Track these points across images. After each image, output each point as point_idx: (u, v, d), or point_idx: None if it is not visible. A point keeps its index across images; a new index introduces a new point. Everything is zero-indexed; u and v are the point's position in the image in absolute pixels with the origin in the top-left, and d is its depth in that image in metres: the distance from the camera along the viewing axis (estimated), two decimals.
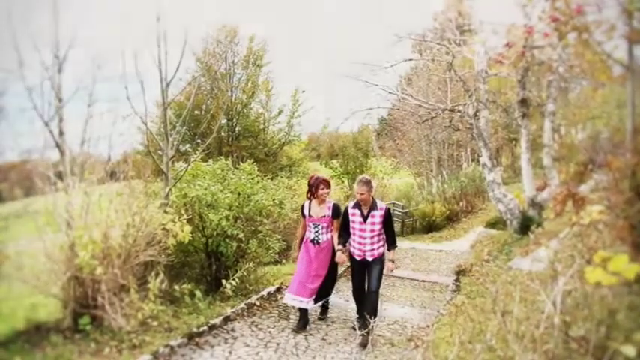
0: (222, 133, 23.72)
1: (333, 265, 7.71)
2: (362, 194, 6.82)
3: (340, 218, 7.43)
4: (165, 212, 7.53)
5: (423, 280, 11.75)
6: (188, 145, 22.30)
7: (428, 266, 13.85)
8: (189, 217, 7.91)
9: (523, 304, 4.47)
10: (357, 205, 7.04)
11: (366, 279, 7.14)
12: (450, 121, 18.71)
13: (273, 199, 9.29)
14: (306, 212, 7.73)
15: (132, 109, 7.96)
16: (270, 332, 7.31)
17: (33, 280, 6.16)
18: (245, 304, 8.21)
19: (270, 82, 25.70)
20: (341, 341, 7.13)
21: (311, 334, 7.35)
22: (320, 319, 8.07)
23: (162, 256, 7.28)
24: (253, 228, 9.14)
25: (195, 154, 10.04)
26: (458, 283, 10.43)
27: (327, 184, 7.61)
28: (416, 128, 27.60)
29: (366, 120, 33.74)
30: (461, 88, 15.34)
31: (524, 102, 12.58)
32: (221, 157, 10.78)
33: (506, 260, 9.92)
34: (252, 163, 10.54)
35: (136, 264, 6.97)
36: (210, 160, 10.25)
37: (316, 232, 7.61)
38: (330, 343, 7.04)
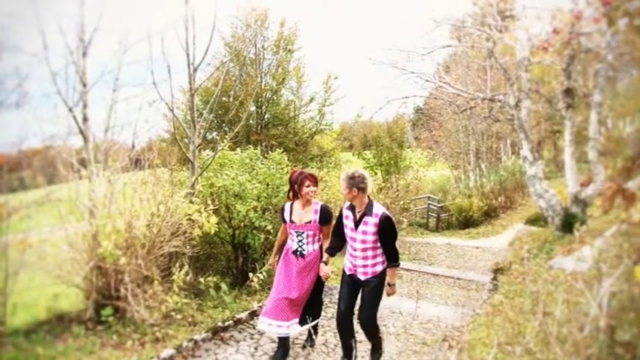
0: (251, 121, 23.72)
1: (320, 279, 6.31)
2: (344, 192, 5.58)
3: (330, 224, 6.22)
4: (191, 202, 7.58)
5: (459, 278, 11.68)
6: (215, 133, 22.37)
7: (464, 263, 13.76)
8: (216, 207, 7.96)
9: (565, 306, 4.39)
10: (351, 206, 5.71)
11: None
12: (490, 112, 18.47)
13: None
14: (286, 216, 6.29)
15: (158, 95, 8.02)
16: (300, 333, 7.27)
17: (55, 270, 6.25)
18: None
19: (302, 68, 25.56)
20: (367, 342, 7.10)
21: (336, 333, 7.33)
22: (305, 346, 6.72)
23: (188, 247, 7.33)
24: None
25: (223, 142, 10.09)
26: (495, 282, 10.32)
27: (314, 180, 6.17)
28: (453, 118, 27.34)
29: (401, 109, 33.47)
30: (501, 76, 15.08)
31: (569, 92, 12.35)
32: (249, 146, 10.82)
33: (547, 259, 9.79)
34: (282, 152, 10.55)
35: (160, 255, 7.03)
36: (238, 149, 10.29)
37: (300, 241, 6.22)
38: (360, 342, 7.01)
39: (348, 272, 5.85)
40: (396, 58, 15.51)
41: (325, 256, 6.00)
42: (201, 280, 7.72)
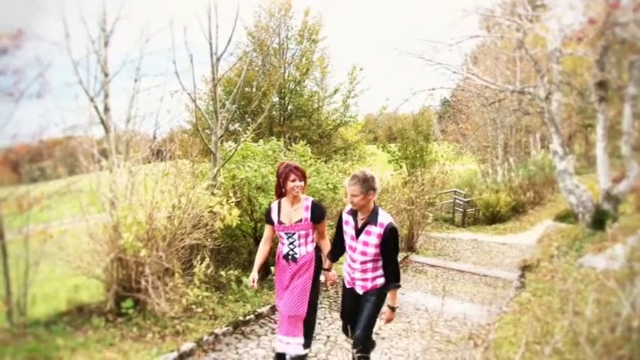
0: (274, 112, 23.73)
1: (313, 290, 5.58)
2: (352, 195, 4.76)
3: (324, 221, 5.63)
4: (213, 194, 7.59)
5: (485, 275, 11.61)
6: (238, 124, 22.40)
7: (490, 260, 13.67)
8: (238, 199, 7.97)
9: (595, 305, 4.34)
10: (353, 211, 5.02)
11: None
12: (519, 104, 18.28)
13: (327, 183, 9.27)
14: (274, 217, 5.54)
15: (180, 85, 8.04)
16: (319, 324, 7.27)
17: (76, 261, 6.31)
18: None
19: (326, 58, 25.48)
20: (395, 336, 7.09)
21: None
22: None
23: (209, 240, 7.36)
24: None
25: (245, 133, 10.11)
26: (523, 280, 10.23)
27: (300, 174, 5.39)
28: (481, 111, 27.08)
29: (427, 101, 33.31)
30: (532, 68, 14.90)
31: (602, 84, 12.17)
32: (272, 138, 10.82)
33: (577, 257, 9.68)
34: (305, 144, 10.54)
35: (181, 247, 7.07)
36: (261, 141, 10.31)
37: (291, 244, 5.53)
38: (383, 338, 7.00)
39: (347, 285, 5.28)
40: (422, 49, 15.37)
41: (327, 262, 5.54)
42: (223, 273, 7.74)
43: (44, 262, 6.04)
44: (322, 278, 5.72)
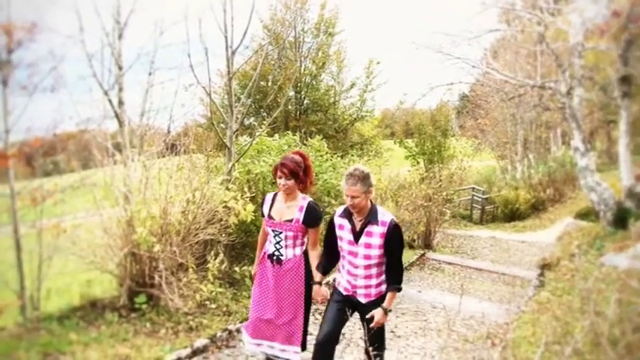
0: (290, 107, 23.74)
1: (306, 300, 5.20)
2: (353, 196, 4.35)
3: (318, 228, 5.13)
4: (228, 189, 7.60)
5: (503, 274, 11.56)
6: (253, 119, 22.48)
7: (509, 258, 13.61)
8: (253, 194, 7.97)
9: (617, 305, 4.30)
10: (347, 213, 4.60)
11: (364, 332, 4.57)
12: (540, 99, 18.18)
13: None
14: (265, 209, 5.18)
15: (195, 79, 8.06)
16: None
17: (89, 256, 6.35)
18: None
19: (343, 52, 25.44)
20: (411, 335, 7.08)
21: None
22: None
23: (223, 235, 7.37)
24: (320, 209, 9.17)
25: (261, 127, 10.13)
26: (542, 278, 10.17)
27: (286, 172, 4.86)
28: (500, 106, 26.92)
29: (445, 96, 33.16)
30: (553, 62, 14.77)
31: (625, 80, 12.05)
32: (288, 132, 10.82)
33: (598, 256, 9.60)
34: (321, 139, 10.54)
35: (195, 243, 7.09)
36: (277, 135, 10.32)
37: (277, 243, 5.09)
38: (399, 337, 6.99)
39: (344, 292, 4.75)
40: (440, 43, 15.28)
41: (318, 275, 4.97)
42: (237, 269, 7.76)
43: (57, 256, 6.09)
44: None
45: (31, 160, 6.31)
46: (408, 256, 11.91)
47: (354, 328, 6.94)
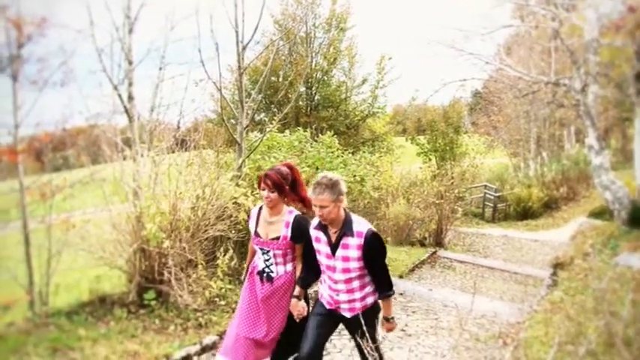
0: (301, 102, 23.74)
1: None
2: (321, 206, 4.05)
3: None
4: (238, 185, 7.61)
5: (515, 272, 11.51)
6: (263, 114, 22.45)
7: (521, 257, 13.55)
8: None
9: (632, 306, 4.27)
10: (322, 225, 4.30)
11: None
12: (553, 96, 18.11)
13: (354, 176, 9.26)
14: (251, 226, 4.91)
15: (205, 74, 8.07)
16: None
17: (98, 251, 6.37)
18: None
19: (354, 47, 25.39)
20: (422, 333, 7.06)
21: None
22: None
23: (233, 231, 7.37)
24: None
25: (271, 123, 10.12)
26: (555, 278, 10.11)
27: (270, 184, 4.55)
28: (514, 103, 26.79)
29: (458, 92, 32.99)
30: (567, 59, 14.68)
31: None
32: (299, 128, 10.82)
33: (612, 255, 9.55)
34: (332, 135, 10.53)
35: (204, 239, 7.10)
36: (287, 131, 10.32)
37: (267, 260, 4.82)
38: (410, 335, 6.98)
39: (327, 306, 4.48)
40: (453, 38, 15.22)
41: (297, 289, 4.61)
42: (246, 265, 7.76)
43: (66, 251, 6.11)
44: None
45: (41, 155, 6.33)
46: (419, 254, 11.91)
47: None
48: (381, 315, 4.43)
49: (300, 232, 4.60)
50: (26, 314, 5.87)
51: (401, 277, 9.86)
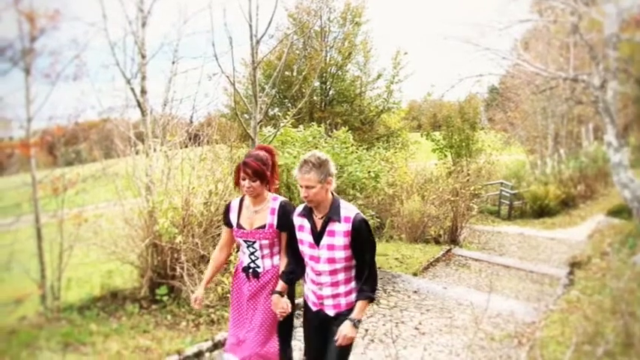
0: (315, 97, 23.67)
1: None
2: (307, 186, 3.75)
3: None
4: None
5: (531, 271, 11.44)
6: (277, 109, 22.38)
7: (537, 256, 13.46)
8: (276, 186, 7.96)
9: None
10: (307, 211, 3.99)
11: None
12: (572, 93, 18.01)
13: (369, 172, 9.22)
14: (232, 218, 4.53)
15: (219, 68, 8.06)
16: None
17: (110, 246, 6.40)
18: None
19: (369, 42, 25.27)
20: (436, 332, 7.04)
21: (403, 322, 7.28)
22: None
23: None
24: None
25: (285, 118, 10.10)
26: (572, 277, 10.05)
27: (250, 172, 4.31)
28: (531, 99, 26.60)
29: (474, 88, 32.90)
30: (586, 54, 14.60)
31: None
32: (313, 123, 10.80)
33: (630, 254, 9.48)
34: (347, 130, 10.50)
35: (217, 234, 7.10)
36: (301, 126, 10.30)
37: (252, 254, 4.48)
38: (423, 334, 6.96)
39: (313, 308, 4.18)
40: (469, 33, 15.15)
41: (280, 284, 4.23)
42: None
43: (78, 246, 6.14)
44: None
45: (53, 149, 6.37)
46: (433, 251, 11.87)
47: (377, 324, 6.93)
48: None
49: (287, 218, 4.24)
50: (38, 308, 5.91)
51: (415, 274, 9.84)
